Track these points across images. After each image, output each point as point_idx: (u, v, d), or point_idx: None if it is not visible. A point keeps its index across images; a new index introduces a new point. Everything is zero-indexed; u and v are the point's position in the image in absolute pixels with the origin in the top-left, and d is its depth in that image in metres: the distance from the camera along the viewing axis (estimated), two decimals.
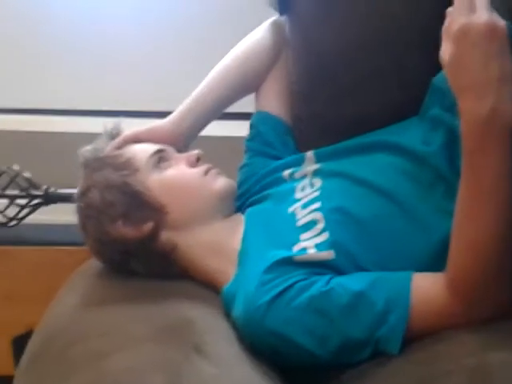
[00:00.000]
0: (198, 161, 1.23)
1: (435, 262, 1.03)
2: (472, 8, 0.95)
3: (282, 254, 1.08)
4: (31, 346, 1.12)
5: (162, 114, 1.34)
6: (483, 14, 0.94)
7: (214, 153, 1.27)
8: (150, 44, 2.18)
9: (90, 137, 1.28)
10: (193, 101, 1.33)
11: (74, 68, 2.18)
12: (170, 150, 1.25)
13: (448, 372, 0.90)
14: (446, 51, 0.96)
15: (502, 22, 0.94)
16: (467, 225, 0.97)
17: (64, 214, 1.57)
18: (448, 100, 1.03)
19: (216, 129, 1.43)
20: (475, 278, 0.97)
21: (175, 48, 2.17)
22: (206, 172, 1.22)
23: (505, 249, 0.96)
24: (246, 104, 1.42)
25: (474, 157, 0.95)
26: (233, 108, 1.40)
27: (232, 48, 1.39)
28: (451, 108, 1.03)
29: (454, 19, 0.95)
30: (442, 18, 0.98)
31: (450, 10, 0.97)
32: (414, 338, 0.99)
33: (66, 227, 1.71)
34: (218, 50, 1.38)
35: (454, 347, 0.94)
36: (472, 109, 0.94)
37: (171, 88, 1.93)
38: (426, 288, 1.01)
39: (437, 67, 1.04)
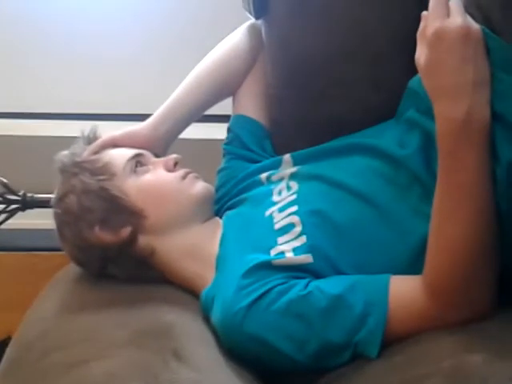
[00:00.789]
0: (175, 165, 1.22)
1: (413, 264, 1.03)
2: (447, 12, 0.96)
3: (260, 258, 1.08)
4: (9, 353, 1.11)
5: (140, 117, 1.33)
6: (458, 18, 0.95)
7: (192, 156, 1.27)
8: (129, 46, 2.17)
9: (67, 141, 1.27)
10: (170, 105, 1.32)
11: (51, 72, 2.17)
12: (148, 154, 1.25)
13: (426, 375, 0.90)
14: (421, 55, 0.97)
15: (476, 26, 0.95)
16: (443, 227, 0.98)
17: (41, 219, 1.56)
18: (424, 103, 1.04)
19: (194, 131, 1.43)
20: (452, 281, 0.97)
21: (155, 51, 2.17)
22: (184, 176, 1.21)
23: (481, 251, 0.97)
24: (225, 106, 1.42)
25: (449, 160, 0.96)
26: (211, 110, 1.40)
27: (209, 52, 1.39)
28: (427, 111, 1.04)
29: (429, 23, 0.96)
30: (415, 21, 0.99)
31: (424, 13, 0.98)
32: (393, 341, 1.00)
33: (43, 232, 1.70)
34: (197, 53, 1.38)
35: (432, 350, 0.95)
36: (447, 112, 0.94)
37: (149, 91, 1.93)
38: (404, 291, 1.01)
39: (411, 71, 1.05)
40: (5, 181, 1.72)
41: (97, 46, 2.15)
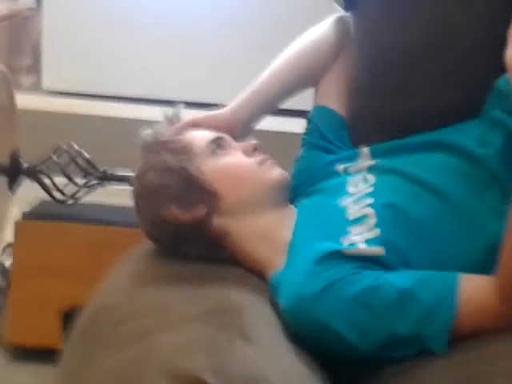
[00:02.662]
0: (254, 150, 1.24)
1: (486, 263, 1.03)
2: None
3: (333, 246, 1.09)
4: (80, 320, 1.14)
5: (218, 107, 1.35)
6: None
7: (270, 147, 1.28)
8: (209, 36, 2.21)
9: (148, 123, 1.30)
10: (252, 91, 1.34)
11: (137, 58, 2.22)
12: (228, 138, 1.26)
13: (494, 373, 0.90)
14: (510, 54, 0.96)
15: None
16: None
17: (120, 196, 1.61)
18: (510, 103, 1.03)
19: (273, 124, 1.44)
20: None
21: (235, 43, 2.20)
22: (262, 162, 1.23)
23: None
24: (303, 101, 1.43)
25: None
26: (291, 105, 1.41)
27: (287, 42, 1.39)
28: None
29: None
30: (505, 23, 0.98)
31: None
32: (460, 338, 0.99)
33: (120, 209, 1.75)
34: (276, 44, 1.39)
35: (499, 350, 0.94)
36: None
37: (227, 80, 1.96)
38: (474, 290, 1.00)
39: (499, 70, 1.03)
40: (87, 156, 1.77)
41: (186, 39, 2.20)
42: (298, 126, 1.46)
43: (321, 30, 1.40)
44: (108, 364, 0.97)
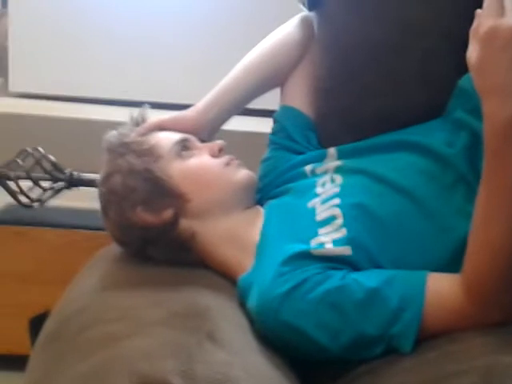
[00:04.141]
0: (220, 151, 1.23)
1: (452, 262, 1.03)
2: (501, 11, 0.95)
3: (300, 247, 1.09)
4: (48, 326, 1.13)
5: (186, 107, 1.35)
6: None
7: (236, 147, 1.27)
8: (176, 37, 2.20)
9: (115, 125, 1.29)
10: (218, 92, 1.33)
11: (102, 58, 2.21)
12: (194, 139, 1.26)
13: (460, 372, 0.90)
14: (472, 53, 0.96)
15: None
16: (484, 226, 0.97)
17: (86, 200, 1.59)
18: (473, 102, 1.04)
19: (239, 124, 1.44)
20: (490, 281, 0.97)
21: (203, 41, 2.19)
22: (228, 163, 1.23)
23: None
24: (270, 101, 1.43)
25: (495, 159, 0.95)
26: (258, 104, 1.40)
27: (256, 43, 1.39)
28: (475, 110, 1.03)
29: (483, 21, 0.95)
30: (468, 20, 0.99)
31: (478, 11, 0.97)
32: (427, 337, 1.00)
33: (87, 212, 1.73)
34: (244, 45, 1.39)
35: (466, 348, 0.95)
36: (496, 111, 0.94)
37: (195, 81, 1.95)
38: (441, 288, 1.01)
39: (462, 69, 1.04)
40: (53, 159, 1.75)
41: (153, 38, 2.19)
42: (264, 125, 1.46)
43: (285, 30, 1.40)
44: (75, 370, 0.96)
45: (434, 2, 1.31)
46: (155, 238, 1.19)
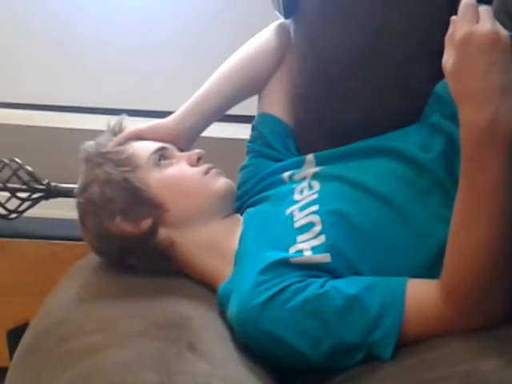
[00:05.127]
0: (198, 160, 1.23)
1: (431, 268, 1.04)
2: (476, 17, 0.95)
3: (278, 255, 1.09)
4: (26, 338, 1.12)
5: (164, 114, 1.34)
6: (487, 24, 0.94)
7: (215, 154, 1.27)
8: (154, 44, 2.19)
9: (92, 134, 1.29)
10: (196, 100, 1.33)
11: (79, 66, 2.19)
12: (172, 148, 1.25)
13: (440, 379, 0.90)
14: (448, 59, 0.97)
15: (504, 32, 0.95)
16: (462, 232, 0.97)
17: (64, 210, 1.58)
18: (449, 108, 1.04)
19: (217, 130, 1.44)
20: (468, 286, 0.97)
21: (180, 48, 2.19)
22: (207, 171, 1.22)
23: (500, 258, 0.96)
24: (248, 107, 1.43)
25: (472, 164, 0.96)
26: (235, 111, 1.40)
27: (236, 49, 1.40)
28: (452, 116, 1.04)
29: (458, 27, 0.96)
30: (444, 26, 0.99)
31: (453, 18, 0.98)
32: (407, 343, 1.00)
33: (65, 222, 1.72)
34: (223, 51, 1.39)
35: (446, 354, 0.95)
36: (472, 117, 0.94)
37: (174, 88, 1.94)
38: (421, 294, 1.01)
39: (439, 75, 1.04)
40: (30, 169, 1.74)
41: (128, 44, 2.18)
42: (243, 132, 1.46)
43: (262, 37, 1.40)
44: (56, 382, 0.95)
45: (411, 8, 1.31)
46: (134, 247, 1.18)
